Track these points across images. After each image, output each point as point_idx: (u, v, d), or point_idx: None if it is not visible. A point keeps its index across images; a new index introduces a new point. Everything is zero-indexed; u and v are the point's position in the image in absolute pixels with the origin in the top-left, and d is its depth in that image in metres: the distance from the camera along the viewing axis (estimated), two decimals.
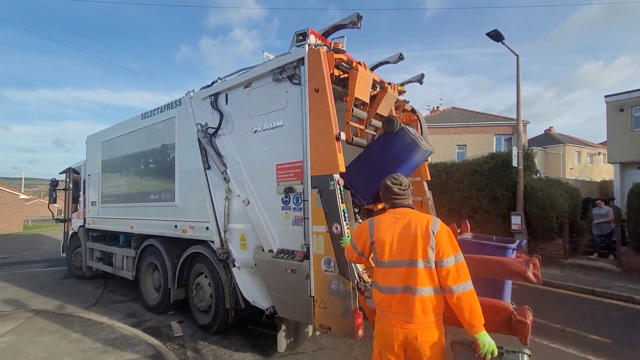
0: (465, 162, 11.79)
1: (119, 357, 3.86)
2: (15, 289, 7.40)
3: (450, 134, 21.58)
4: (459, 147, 21.59)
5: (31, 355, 3.91)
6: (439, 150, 21.13)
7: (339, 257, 3.15)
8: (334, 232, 3.21)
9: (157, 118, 5.80)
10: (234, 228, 4.39)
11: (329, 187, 3.28)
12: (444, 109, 25.38)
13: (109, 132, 7.27)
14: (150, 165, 6.02)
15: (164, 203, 5.60)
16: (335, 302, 3.20)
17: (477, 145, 21.05)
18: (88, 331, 4.62)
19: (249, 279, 4.29)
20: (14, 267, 9.97)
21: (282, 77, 3.75)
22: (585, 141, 33.40)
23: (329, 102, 3.33)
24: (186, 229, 5.11)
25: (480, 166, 10.48)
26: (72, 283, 7.71)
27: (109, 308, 5.89)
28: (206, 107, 4.76)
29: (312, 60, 3.48)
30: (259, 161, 4.11)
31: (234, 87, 4.44)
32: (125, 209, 6.62)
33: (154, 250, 5.81)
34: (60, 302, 6.25)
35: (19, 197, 20.83)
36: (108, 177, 7.20)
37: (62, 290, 7.14)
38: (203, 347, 4.28)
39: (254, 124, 4.15)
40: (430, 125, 22.27)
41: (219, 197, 4.54)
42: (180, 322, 5.15)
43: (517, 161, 9.52)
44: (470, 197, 10.31)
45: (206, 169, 4.72)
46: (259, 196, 4.10)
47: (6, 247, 13.42)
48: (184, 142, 5.21)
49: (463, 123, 21.72)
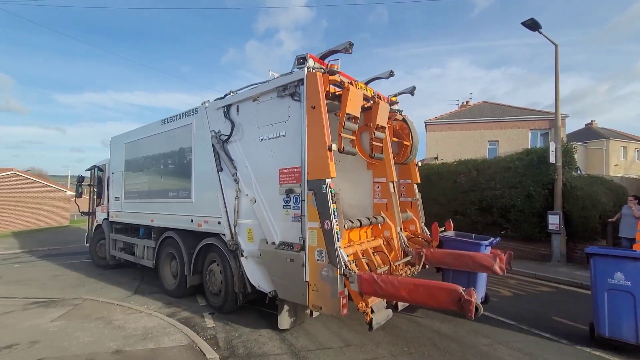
0: (497, 158, 11.28)
1: (157, 344, 4.10)
2: (65, 277, 8.04)
3: (481, 129, 20.71)
4: (491, 143, 20.68)
5: (79, 339, 4.24)
6: (468, 146, 20.39)
7: (329, 249, 3.83)
8: (325, 227, 3.87)
9: (176, 124, 6.47)
10: (243, 223, 5.02)
11: (322, 189, 3.92)
12: (475, 104, 24.39)
13: (132, 135, 7.97)
14: (169, 166, 6.69)
15: (182, 200, 6.26)
16: (325, 286, 3.87)
17: (510, 140, 20.07)
18: (128, 319, 4.94)
19: (255, 267, 4.89)
20: (63, 257, 10.81)
21: (285, 94, 4.39)
22: (633, 136, 30.80)
23: (323, 118, 3.96)
24: (201, 223, 5.77)
25: (513, 163, 10.01)
26: (112, 274, 8.24)
27: (146, 298, 6.24)
28: (219, 116, 5.41)
29: (310, 82, 4.09)
30: (265, 166, 4.71)
31: (244, 100, 5.07)
32: (146, 204, 7.30)
33: (172, 241, 6.44)
34: (104, 291, 6.71)
35: (66, 193, 22.49)
36: (131, 175, 7.91)
37: (104, 280, 7.66)
38: (234, 338, 4.44)
39: (261, 133, 4.79)
40: (459, 121, 21.54)
41: (230, 196, 5.15)
42: (211, 313, 5.37)
43: (554, 157, 8.99)
44: (502, 195, 9.88)
45: (219, 170, 5.34)
46: (264, 196, 4.71)
47: (56, 240, 14.58)
48: (199, 146, 5.86)
49: (495, 118, 20.76)
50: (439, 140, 21.22)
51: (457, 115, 22.20)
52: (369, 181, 5.59)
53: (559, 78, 9.46)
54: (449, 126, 21.29)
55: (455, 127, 21.18)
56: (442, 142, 21.12)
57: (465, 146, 20.47)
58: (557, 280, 7.44)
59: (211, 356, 3.78)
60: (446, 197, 11.47)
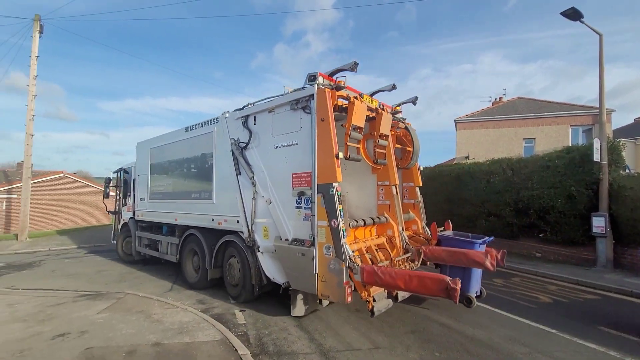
0: (534, 157, 10.69)
1: (193, 338, 4.29)
2: (108, 273, 8.61)
3: (516, 126, 19.68)
4: (527, 141, 19.60)
5: (122, 331, 4.53)
6: (501, 145, 19.46)
7: (336, 245, 4.31)
8: (332, 226, 4.36)
9: (198, 132, 7.02)
10: (259, 222, 5.53)
11: (330, 192, 4.41)
12: (509, 100, 23.22)
13: (157, 140, 8.58)
14: (192, 170, 7.24)
15: (204, 201, 6.79)
16: (332, 277, 4.36)
17: (548, 138, 18.91)
18: (166, 313, 5.21)
19: (270, 261, 5.40)
20: (106, 254, 11.58)
21: (297, 107, 4.90)
22: None
23: (331, 129, 4.46)
24: (221, 222, 6.31)
25: (552, 161, 9.44)
26: (150, 271, 8.71)
27: (182, 294, 6.54)
28: (238, 125, 5.94)
29: (320, 97, 4.59)
30: (279, 170, 5.19)
31: (260, 111, 5.58)
32: (170, 204, 7.89)
33: (194, 238, 6.98)
34: (143, 286, 7.11)
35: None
36: (156, 178, 8.54)
37: (144, 276, 8.12)
38: (264, 335, 4.55)
39: (276, 141, 5.29)
40: (492, 118, 20.64)
41: (248, 197, 5.68)
42: (242, 311, 5.53)
43: (599, 155, 8.38)
44: (540, 196, 9.35)
45: (238, 174, 5.87)
46: (279, 197, 5.20)
47: (100, 237, 15.63)
48: (220, 152, 6.39)
49: (531, 114, 19.65)
50: (469, 138, 20.44)
51: (490, 113, 21.24)
52: (373, 184, 6.00)
53: (604, 70, 8.81)
54: (480, 124, 20.44)
55: (488, 124, 20.29)
56: (473, 141, 20.33)
57: (498, 144, 19.55)
58: (604, 288, 6.91)
59: (243, 352, 3.90)
60: (478, 198, 11.05)
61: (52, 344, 4.12)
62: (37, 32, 13.87)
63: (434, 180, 13.32)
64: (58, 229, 19.41)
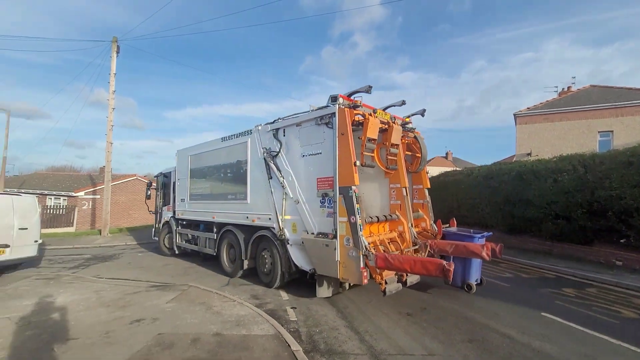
0: (613, 152, 9.41)
1: (249, 331, 4.55)
2: (173, 266, 9.46)
3: (589, 118, 17.49)
4: (602, 134, 17.32)
5: (187, 320, 4.97)
6: (570, 139, 17.47)
7: (354, 237, 5.16)
8: (351, 221, 5.20)
9: (234, 142, 7.94)
10: (288, 218, 6.44)
11: (349, 193, 5.25)
12: (579, 89, 20.73)
13: (196, 149, 9.60)
14: (228, 174, 8.22)
15: (239, 201, 7.74)
16: (351, 263, 5.22)
17: (630, 130, 16.51)
18: (224, 306, 5.59)
19: (298, 252, 6.28)
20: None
21: (321, 123, 5.76)
22: None
23: (349, 142, 5.32)
24: (255, 219, 7.24)
25: (637, 156, 8.24)
26: (209, 266, 9.37)
27: (238, 289, 6.96)
28: (270, 136, 6.83)
29: (340, 115, 5.45)
30: (306, 175, 6.10)
31: (289, 125, 6.45)
32: (208, 204, 8.90)
33: (230, 234, 8.00)
34: (203, 280, 7.69)
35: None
36: (195, 181, 9.56)
37: (203, 271, 8.78)
38: (315, 333, 4.66)
39: (302, 150, 6.17)
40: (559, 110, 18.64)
41: (278, 198, 6.57)
42: (293, 308, 5.72)
43: None
44: (620, 196, 8.22)
45: (269, 178, 6.78)
46: (305, 198, 6.08)
47: None
48: (253, 159, 7.30)
49: (608, 104, 17.30)
50: (532, 133, 18.67)
51: (556, 104, 19.16)
52: (386, 186, 6.79)
53: None
54: (545, 117, 18.54)
55: (554, 117, 18.31)
56: (536, 136, 18.52)
57: (566, 139, 17.56)
58: None
59: (295, 348, 4.04)
60: (543, 199, 10.06)
61: (130, 327, 4.67)
62: (115, 52, 15.78)
63: (490, 179, 12.42)
64: (131, 226, 21.82)
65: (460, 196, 14.21)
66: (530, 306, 5.80)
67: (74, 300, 5.91)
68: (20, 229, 8.04)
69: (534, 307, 5.77)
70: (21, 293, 6.42)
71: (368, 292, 6.59)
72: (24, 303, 5.77)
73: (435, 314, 5.45)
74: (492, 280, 7.64)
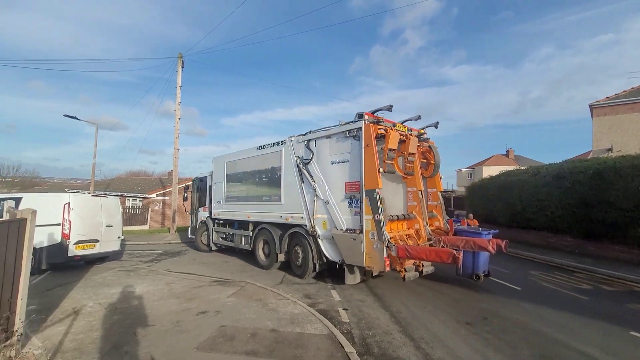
0: None
1: (303, 329, 4.69)
2: (232, 264, 10.10)
3: None
4: None
5: (246, 315, 5.28)
6: None
7: (378, 232, 6.07)
8: (375, 219, 6.12)
9: (268, 150, 9.02)
10: (319, 217, 7.40)
11: (374, 195, 6.17)
12: None
13: (231, 156, 10.85)
14: (263, 179, 9.25)
15: (274, 202, 8.76)
16: (375, 254, 6.16)
17: None
18: (279, 304, 5.83)
19: (328, 245, 7.25)
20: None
21: (349, 135, 6.77)
22: None
23: (374, 152, 6.28)
24: (288, 218, 8.24)
25: None
26: None
27: (291, 288, 7.20)
28: (302, 146, 7.86)
29: (366, 130, 6.44)
30: (335, 180, 7.06)
31: (320, 137, 7.48)
32: (244, 205, 10.02)
33: (266, 231, 9.08)
34: (259, 277, 8.09)
35: None
36: (231, 185, 10.72)
37: (258, 269, 9.23)
38: (368, 337, 4.63)
39: (332, 158, 7.16)
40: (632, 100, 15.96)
41: (310, 199, 7.57)
42: (345, 309, 5.75)
43: None
44: None
45: (301, 182, 7.81)
46: (335, 199, 7.04)
47: None
48: (287, 166, 8.34)
49: None
50: (613, 126, 16.34)
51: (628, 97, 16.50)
52: (404, 190, 7.74)
53: None
54: (630, 106, 16.08)
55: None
56: (618, 129, 16.17)
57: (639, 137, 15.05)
58: None
59: (349, 350, 4.06)
60: (629, 201, 8.78)
61: (197, 318, 5.11)
62: (180, 67, 17.39)
63: (562, 178, 11.17)
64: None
65: (525, 197, 13.00)
66: (616, 323, 5.11)
67: (150, 291, 6.64)
68: (107, 226, 9.27)
69: (620, 324, 5.07)
70: (108, 282, 7.40)
71: (418, 295, 6.38)
72: (111, 291, 6.65)
73: (498, 324, 5.07)
74: (567, 292, 6.88)
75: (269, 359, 3.84)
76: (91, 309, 5.57)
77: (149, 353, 3.95)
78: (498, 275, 8.16)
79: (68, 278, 7.81)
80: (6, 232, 3.74)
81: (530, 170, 13.90)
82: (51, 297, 6.23)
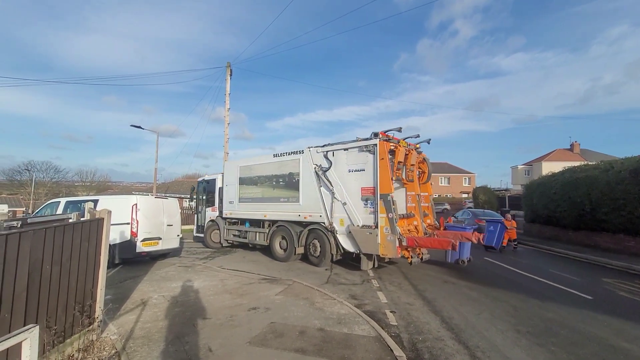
0: None
1: (350, 330, 4.68)
2: (276, 264, 10.39)
3: None
4: None
5: (294, 312, 5.41)
6: None
7: (392, 226, 7.39)
8: (389, 216, 7.43)
9: (286, 158, 10.21)
10: (336, 216, 8.76)
11: (387, 198, 7.50)
12: None
13: (244, 161, 11.89)
14: (280, 182, 10.41)
15: (292, 203, 9.99)
16: (389, 244, 7.45)
17: None
18: (325, 304, 5.88)
19: (345, 239, 8.61)
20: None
21: (364, 150, 8.15)
22: None
23: (387, 164, 7.68)
24: (306, 216, 9.55)
25: None
26: (307, 265, 9.98)
27: (336, 287, 7.22)
28: (320, 156, 9.18)
29: (381, 146, 7.79)
30: (352, 185, 8.41)
31: (338, 149, 8.81)
32: (259, 205, 11.08)
33: (283, 228, 10.24)
34: (305, 277, 8.24)
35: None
36: (244, 187, 11.68)
37: (304, 268, 9.40)
38: (417, 341, 4.46)
39: (349, 167, 8.50)
40: None
41: (328, 201, 8.91)
42: (393, 312, 5.62)
43: None
44: None
45: (320, 187, 9.15)
46: (352, 201, 8.38)
47: None
48: (305, 172, 9.63)
49: None
50: None
51: None
52: (404, 194, 9.19)
53: None
54: None
55: None
56: None
57: None
58: None
59: (399, 354, 3.96)
60: None
61: (248, 314, 5.36)
62: (228, 75, 18.41)
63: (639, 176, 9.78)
64: None
65: (596, 196, 11.63)
66: None
67: (206, 286, 7.12)
68: (168, 225, 10.13)
69: None
70: (170, 277, 8.07)
71: (473, 300, 6.02)
72: (172, 285, 7.25)
73: (566, 336, 4.60)
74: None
75: (318, 357, 3.90)
76: (156, 301, 6.12)
77: (207, 344, 4.24)
78: (563, 282, 7.41)
79: (136, 272, 8.67)
80: (88, 229, 4.27)
81: (602, 165, 12.39)
82: (123, 289, 6.96)
